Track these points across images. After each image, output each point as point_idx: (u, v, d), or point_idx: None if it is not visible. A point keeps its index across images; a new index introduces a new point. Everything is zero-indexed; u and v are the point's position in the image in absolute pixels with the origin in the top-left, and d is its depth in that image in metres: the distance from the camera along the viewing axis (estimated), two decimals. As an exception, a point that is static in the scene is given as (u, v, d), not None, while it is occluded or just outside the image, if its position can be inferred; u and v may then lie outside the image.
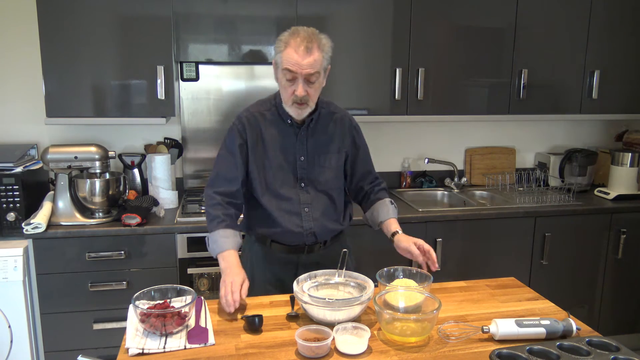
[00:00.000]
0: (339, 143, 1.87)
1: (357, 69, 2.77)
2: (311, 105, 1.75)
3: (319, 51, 1.66)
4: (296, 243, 1.86)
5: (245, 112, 1.84)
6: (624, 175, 3.08)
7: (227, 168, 1.81)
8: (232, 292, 1.58)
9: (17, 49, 2.75)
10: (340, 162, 1.89)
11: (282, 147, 1.81)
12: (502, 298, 1.74)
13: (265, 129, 1.81)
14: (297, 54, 1.63)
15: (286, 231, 1.83)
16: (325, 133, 1.85)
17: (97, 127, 2.89)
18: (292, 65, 1.64)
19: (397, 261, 1.87)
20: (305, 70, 1.64)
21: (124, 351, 1.39)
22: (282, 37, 1.69)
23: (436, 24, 2.81)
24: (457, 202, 3.13)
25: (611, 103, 3.10)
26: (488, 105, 2.96)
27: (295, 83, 1.67)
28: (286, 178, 1.82)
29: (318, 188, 1.85)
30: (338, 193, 1.91)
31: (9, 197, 2.40)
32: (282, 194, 1.82)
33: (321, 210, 1.85)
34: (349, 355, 1.37)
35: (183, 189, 3.02)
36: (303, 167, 1.83)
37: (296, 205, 1.83)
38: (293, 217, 1.82)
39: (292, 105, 1.72)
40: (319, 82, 1.71)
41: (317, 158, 1.84)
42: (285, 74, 1.67)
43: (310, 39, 1.65)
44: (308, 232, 1.84)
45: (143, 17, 2.51)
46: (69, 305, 2.43)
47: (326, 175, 1.86)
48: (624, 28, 3.01)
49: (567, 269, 2.94)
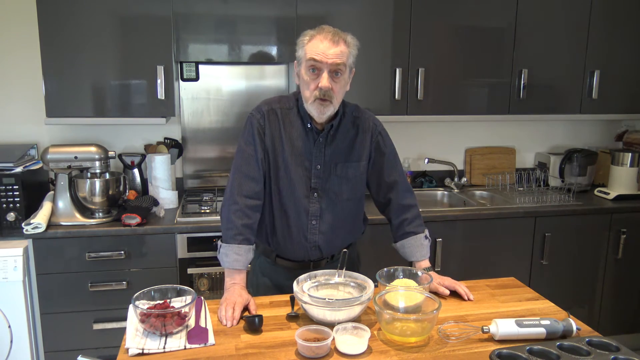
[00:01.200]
0: (359, 151, 1.75)
1: (357, 68, 2.74)
2: (335, 105, 1.64)
3: (345, 44, 1.59)
4: (300, 258, 1.79)
5: (265, 106, 1.71)
6: (624, 175, 3.08)
7: (249, 165, 1.68)
8: (233, 309, 1.54)
9: (17, 49, 2.74)
10: (359, 172, 1.77)
11: (299, 152, 1.70)
12: (502, 298, 1.74)
13: (284, 128, 1.69)
14: (323, 44, 1.56)
15: (288, 243, 1.76)
16: (345, 140, 1.73)
17: (97, 127, 2.89)
18: (318, 54, 1.55)
19: (397, 261, 1.86)
20: (331, 59, 1.56)
21: (123, 351, 1.39)
22: (307, 32, 1.62)
23: (436, 24, 2.80)
24: (457, 202, 3.13)
25: (611, 103, 3.10)
26: (488, 105, 2.96)
27: (319, 75, 1.58)
28: (298, 186, 1.71)
29: (332, 199, 1.74)
30: (354, 205, 1.81)
31: (9, 197, 2.40)
32: (291, 202, 1.73)
33: (330, 224, 1.76)
34: (349, 355, 1.37)
35: (183, 189, 3.02)
36: (318, 177, 1.72)
37: (303, 216, 1.74)
38: (298, 228, 1.75)
39: (314, 101, 1.60)
40: (344, 78, 1.62)
41: (334, 167, 1.72)
42: (309, 66, 1.58)
43: (337, 33, 1.59)
44: (312, 245, 1.77)
45: (143, 17, 2.51)
46: (69, 305, 2.43)
47: (343, 186, 1.75)
48: (624, 28, 3.01)
49: (567, 269, 2.94)
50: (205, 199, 2.81)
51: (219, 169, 3.06)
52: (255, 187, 1.69)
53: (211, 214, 2.59)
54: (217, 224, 2.48)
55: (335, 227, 1.78)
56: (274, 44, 2.67)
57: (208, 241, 2.49)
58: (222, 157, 3.05)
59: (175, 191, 2.79)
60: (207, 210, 2.63)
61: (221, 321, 1.54)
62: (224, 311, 1.55)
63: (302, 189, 1.72)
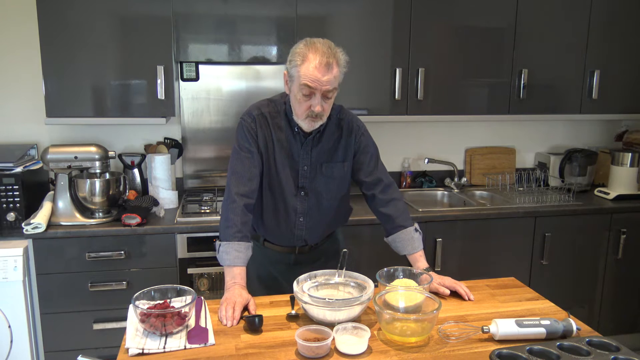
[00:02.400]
0: (344, 152, 1.84)
1: (357, 68, 2.77)
2: (324, 119, 1.73)
3: (337, 67, 1.63)
4: (287, 244, 1.91)
5: (255, 110, 1.79)
6: (624, 175, 3.08)
7: (244, 166, 1.76)
8: (234, 309, 1.56)
9: (17, 49, 2.74)
10: (344, 172, 1.85)
11: (287, 154, 1.79)
12: (502, 298, 1.74)
13: (274, 131, 1.78)
14: (318, 71, 1.59)
15: (277, 235, 1.89)
16: (330, 141, 1.82)
17: (97, 127, 2.89)
18: (312, 81, 1.60)
19: (397, 261, 1.86)
20: (324, 87, 1.61)
21: (124, 351, 1.39)
22: (298, 49, 1.64)
23: (436, 24, 2.80)
24: (457, 202, 3.13)
25: (611, 103, 3.10)
26: (488, 105, 2.96)
27: (312, 98, 1.64)
28: (287, 185, 1.81)
29: (318, 198, 1.84)
30: (340, 202, 1.90)
31: (9, 197, 2.40)
32: (280, 200, 1.82)
33: (316, 220, 1.87)
34: (349, 355, 1.37)
35: (183, 189, 3.02)
36: (305, 177, 1.82)
37: (292, 213, 1.84)
38: (286, 224, 1.85)
39: (305, 119, 1.69)
40: (334, 97, 1.69)
41: (319, 168, 1.82)
42: (302, 89, 1.63)
43: (330, 55, 1.60)
44: (299, 238, 1.89)
45: (143, 17, 2.51)
46: (69, 305, 2.43)
47: (329, 185, 1.84)
48: (624, 28, 3.01)
49: (567, 269, 2.94)
50: (205, 199, 2.81)
51: (219, 169, 3.06)
52: (251, 187, 1.76)
53: (211, 214, 2.59)
54: (217, 224, 2.47)
55: (321, 222, 1.89)
56: (274, 44, 2.67)
57: (208, 241, 2.49)
58: (222, 157, 3.05)
59: (175, 191, 2.79)
60: (207, 210, 2.63)
61: (221, 321, 1.55)
62: (224, 311, 1.57)
63: (290, 188, 1.82)
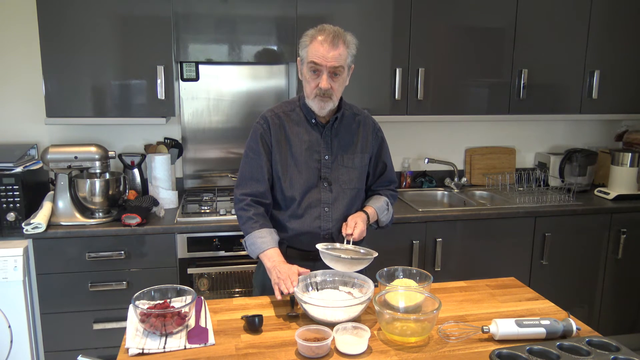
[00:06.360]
0: (363, 143, 1.89)
1: (357, 68, 2.73)
2: (334, 101, 1.76)
3: (344, 46, 1.69)
4: (313, 248, 1.80)
5: (269, 112, 1.85)
6: (624, 175, 3.08)
7: (253, 169, 1.81)
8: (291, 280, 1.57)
9: (17, 49, 2.75)
10: (364, 163, 1.90)
11: (307, 146, 1.82)
12: (502, 298, 1.74)
13: (290, 128, 1.82)
14: (323, 47, 1.67)
15: (304, 232, 1.82)
16: (349, 133, 1.87)
17: (97, 127, 2.89)
18: (318, 57, 1.67)
19: (397, 261, 1.87)
20: (330, 62, 1.67)
21: (124, 351, 1.39)
22: (308, 32, 1.73)
23: (436, 23, 2.80)
24: (457, 202, 3.13)
25: (611, 103, 3.10)
26: (488, 105, 2.96)
27: (319, 76, 1.70)
28: (310, 177, 1.82)
29: (341, 187, 1.85)
30: (359, 194, 1.91)
31: (9, 197, 2.40)
32: (305, 193, 1.82)
33: (342, 211, 1.85)
34: (349, 355, 1.37)
35: (183, 189, 3.02)
36: (327, 167, 1.83)
37: (317, 204, 1.83)
38: (313, 216, 1.82)
39: (314, 98, 1.74)
40: (342, 77, 1.74)
41: (341, 158, 1.85)
42: (310, 67, 1.70)
43: (336, 34, 1.68)
44: (325, 232, 1.83)
45: (143, 17, 2.51)
46: (69, 305, 2.43)
47: (350, 175, 1.86)
48: (624, 28, 3.01)
49: (567, 269, 2.94)
50: (205, 199, 2.81)
51: (219, 169, 3.06)
52: (258, 187, 1.81)
53: (211, 214, 2.58)
54: (217, 224, 2.49)
55: (345, 214, 1.86)
56: (274, 44, 2.67)
57: (208, 241, 2.49)
58: (222, 157, 3.05)
59: (175, 191, 2.79)
60: (207, 210, 2.63)
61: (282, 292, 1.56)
62: (283, 285, 1.56)
63: (313, 178, 1.83)
